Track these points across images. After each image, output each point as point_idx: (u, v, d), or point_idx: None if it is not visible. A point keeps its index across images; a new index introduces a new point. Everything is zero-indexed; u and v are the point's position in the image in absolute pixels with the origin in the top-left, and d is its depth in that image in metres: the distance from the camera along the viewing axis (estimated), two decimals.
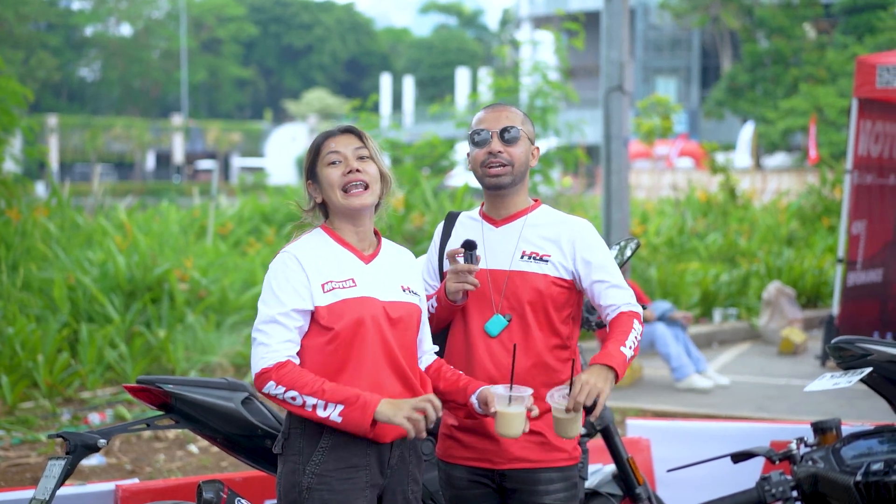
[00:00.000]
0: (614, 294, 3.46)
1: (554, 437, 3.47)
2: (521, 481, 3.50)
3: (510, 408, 3.21)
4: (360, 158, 3.32)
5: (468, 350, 3.53)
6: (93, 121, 60.53)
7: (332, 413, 3.13)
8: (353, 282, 3.27)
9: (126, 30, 71.61)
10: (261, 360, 3.18)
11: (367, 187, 3.31)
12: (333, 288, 3.24)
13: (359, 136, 3.35)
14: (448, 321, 3.61)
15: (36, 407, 8.12)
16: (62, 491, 4.07)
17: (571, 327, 3.57)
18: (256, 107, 77.94)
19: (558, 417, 3.25)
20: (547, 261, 3.50)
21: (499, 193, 3.56)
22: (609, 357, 3.29)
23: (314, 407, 3.14)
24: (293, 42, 76.71)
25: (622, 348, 3.33)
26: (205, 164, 58.69)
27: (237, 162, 59.44)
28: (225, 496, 3.79)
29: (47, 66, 64.18)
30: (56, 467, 3.67)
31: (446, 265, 3.54)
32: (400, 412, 3.11)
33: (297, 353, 3.25)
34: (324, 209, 3.41)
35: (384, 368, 3.26)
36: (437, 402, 3.15)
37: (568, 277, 3.51)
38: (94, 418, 7.66)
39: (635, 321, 3.42)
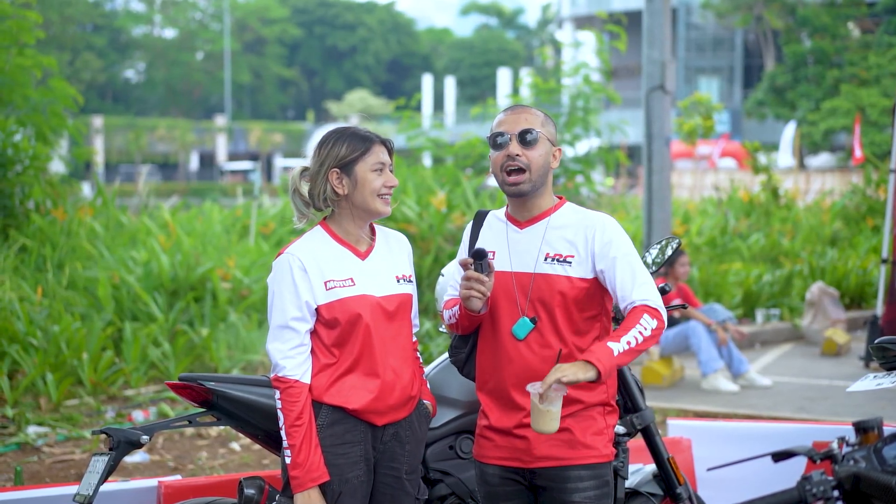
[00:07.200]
0: (630, 289, 3.41)
1: (582, 435, 3.48)
2: (550, 479, 3.50)
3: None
4: (392, 171, 3.62)
5: (497, 352, 3.55)
6: (137, 122, 61.08)
7: (286, 456, 3.44)
8: (353, 281, 3.53)
9: (170, 32, 72.20)
10: (276, 365, 3.48)
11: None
12: (334, 287, 3.50)
13: (390, 151, 3.61)
14: (474, 327, 3.63)
15: (80, 404, 8.21)
16: (105, 487, 4.13)
17: (600, 328, 3.55)
18: (299, 108, 78.30)
19: (534, 406, 3.25)
20: (570, 262, 3.47)
21: (520, 198, 3.56)
22: (591, 353, 3.27)
23: (287, 442, 3.44)
24: (336, 43, 77.02)
25: (611, 343, 3.29)
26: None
27: (279, 162, 59.73)
28: (266, 493, 3.83)
29: (92, 68, 64.88)
30: (100, 463, 3.72)
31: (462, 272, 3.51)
32: None
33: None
34: (333, 202, 3.59)
35: (382, 359, 3.52)
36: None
37: (590, 276, 3.48)
38: (138, 415, 7.74)
39: (646, 315, 3.36)
